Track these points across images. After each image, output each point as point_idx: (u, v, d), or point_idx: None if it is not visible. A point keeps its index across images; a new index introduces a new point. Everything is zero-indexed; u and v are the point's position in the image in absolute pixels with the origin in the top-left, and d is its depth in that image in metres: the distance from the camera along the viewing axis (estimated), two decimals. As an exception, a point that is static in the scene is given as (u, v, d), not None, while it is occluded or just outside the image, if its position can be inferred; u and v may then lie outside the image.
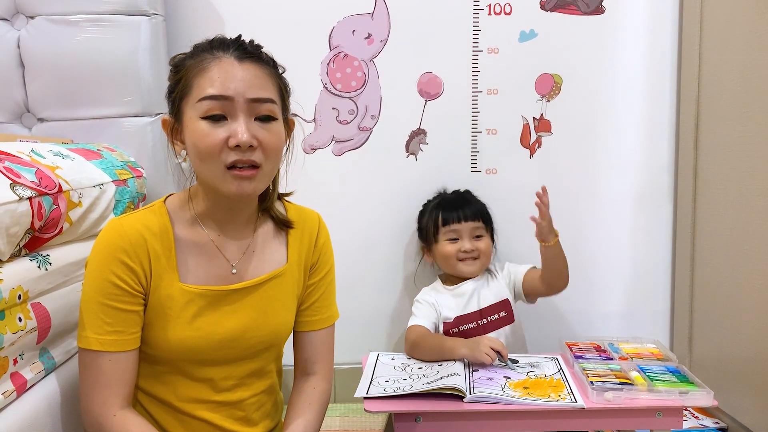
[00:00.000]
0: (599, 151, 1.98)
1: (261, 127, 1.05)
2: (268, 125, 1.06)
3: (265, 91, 1.05)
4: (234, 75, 1.03)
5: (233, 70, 1.03)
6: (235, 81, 1.03)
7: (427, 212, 1.83)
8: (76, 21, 1.65)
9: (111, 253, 1.05)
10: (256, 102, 1.04)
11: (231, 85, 1.02)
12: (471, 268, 1.73)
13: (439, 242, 1.76)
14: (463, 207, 1.76)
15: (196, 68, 1.05)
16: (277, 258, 1.18)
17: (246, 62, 1.05)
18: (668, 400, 1.32)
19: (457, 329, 1.68)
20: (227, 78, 1.02)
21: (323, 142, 1.94)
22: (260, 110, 1.05)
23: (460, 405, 1.30)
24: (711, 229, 1.83)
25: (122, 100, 1.69)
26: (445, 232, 1.75)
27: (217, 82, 1.02)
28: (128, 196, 1.48)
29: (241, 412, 1.17)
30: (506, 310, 1.71)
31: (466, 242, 1.72)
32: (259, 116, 1.05)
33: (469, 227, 1.73)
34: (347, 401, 1.95)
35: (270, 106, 1.06)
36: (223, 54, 1.05)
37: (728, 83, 1.73)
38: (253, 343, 1.14)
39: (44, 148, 1.29)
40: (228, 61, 1.04)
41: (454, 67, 1.92)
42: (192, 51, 1.09)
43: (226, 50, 1.05)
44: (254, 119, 1.04)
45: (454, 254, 1.73)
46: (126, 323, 1.06)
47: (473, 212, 1.75)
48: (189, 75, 1.05)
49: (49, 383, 1.12)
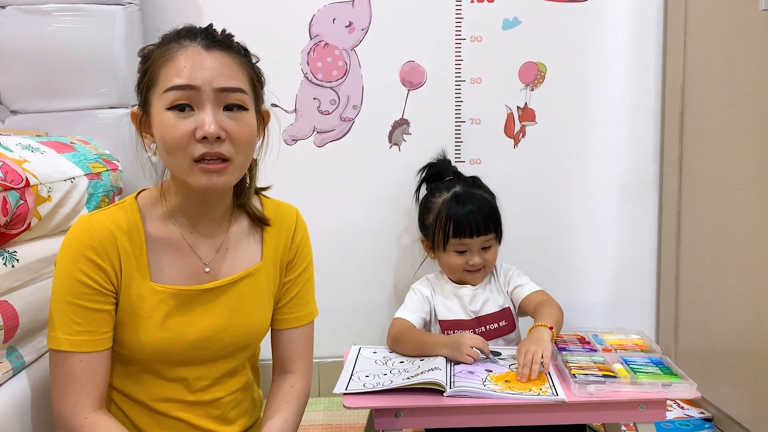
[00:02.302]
0: (584, 141, 1.96)
1: (230, 118, 1.01)
2: (237, 115, 1.02)
3: (233, 80, 1.01)
4: (201, 63, 0.99)
5: (200, 58, 1.00)
6: (202, 70, 0.99)
7: (435, 210, 1.67)
8: (48, 10, 1.62)
9: (79, 251, 1.02)
10: (224, 91, 1.00)
11: (197, 74, 0.98)
12: (476, 279, 1.67)
13: (446, 252, 1.67)
14: (477, 216, 1.62)
15: (162, 58, 1.01)
16: (252, 255, 1.15)
17: (214, 50, 1.01)
18: (651, 393, 1.30)
19: (453, 332, 1.62)
20: (194, 67, 0.99)
21: (304, 133, 1.91)
22: (228, 99, 1.01)
23: (441, 400, 1.28)
24: (696, 218, 1.82)
25: (97, 91, 1.66)
26: (455, 243, 1.64)
27: (183, 72, 0.98)
28: (102, 190, 1.44)
29: (217, 411, 1.14)
30: (507, 319, 1.67)
31: (475, 257, 1.63)
32: (227, 106, 1.01)
33: (480, 241, 1.63)
34: (331, 395, 1.93)
35: (239, 95, 1.02)
36: (191, 43, 1.01)
37: (713, 71, 1.72)
38: (228, 343, 1.12)
39: (12, 142, 1.26)
40: (195, 49, 1.00)
41: (437, 55, 1.90)
42: (160, 41, 1.05)
43: (194, 39, 1.01)
44: (223, 110, 1.01)
45: (461, 267, 1.65)
46: (97, 323, 1.03)
47: (486, 224, 1.63)
48: (155, 65, 1.02)
49: (18, 383, 1.09)
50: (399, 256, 1.97)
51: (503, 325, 1.66)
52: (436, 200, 1.69)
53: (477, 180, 1.76)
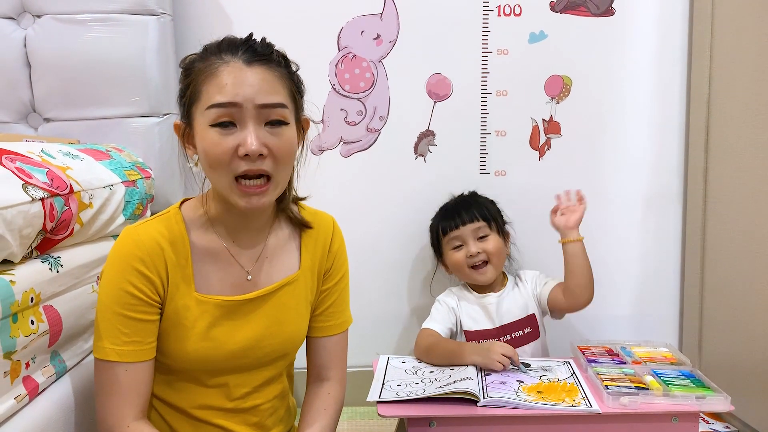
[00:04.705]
0: (608, 153, 1.97)
1: (271, 133, 1.01)
2: (278, 130, 1.02)
3: (275, 95, 1.02)
4: (243, 80, 0.99)
5: (242, 75, 1.00)
6: (244, 86, 0.99)
7: (433, 224, 1.79)
8: (83, 20, 1.64)
9: (128, 262, 1.03)
10: (266, 107, 1.01)
11: (239, 91, 0.99)
12: (484, 276, 1.68)
13: (446, 253, 1.73)
14: (460, 211, 1.70)
15: (204, 73, 1.02)
16: (290, 264, 1.16)
17: (255, 65, 1.01)
18: (685, 405, 1.30)
19: (478, 342, 1.63)
20: (235, 84, 0.99)
21: (331, 144, 1.93)
22: (270, 116, 1.01)
23: (475, 410, 1.28)
24: (721, 231, 1.82)
25: (129, 100, 1.67)
26: (448, 241, 1.71)
27: (225, 89, 0.99)
28: (137, 198, 1.46)
29: (255, 418, 1.15)
30: (531, 326, 1.67)
31: (471, 246, 1.67)
32: (269, 121, 1.02)
33: (469, 230, 1.68)
34: (355, 404, 1.92)
35: (281, 110, 1.02)
36: (232, 57, 1.01)
37: (739, 85, 1.72)
38: (268, 351, 1.13)
39: (54, 149, 1.27)
40: (236, 65, 1.01)
41: (464, 68, 1.91)
42: (201, 53, 1.06)
43: (235, 53, 1.02)
44: (265, 125, 1.01)
45: (463, 261, 1.68)
46: (143, 333, 1.04)
47: (471, 214, 1.69)
48: (198, 80, 1.02)
49: (61, 387, 1.10)
50: (422, 268, 1.97)
51: (528, 332, 1.67)
52: (433, 220, 1.81)
53: (473, 192, 1.83)
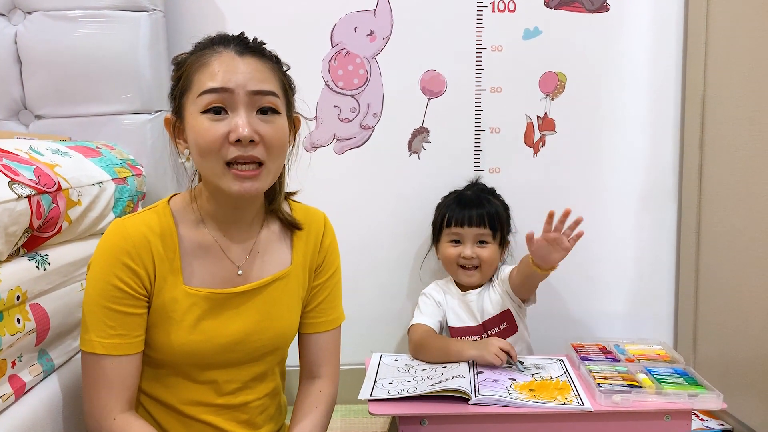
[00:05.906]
0: (603, 151, 1.96)
1: (263, 121, 1.02)
2: (270, 118, 1.03)
3: (266, 83, 1.03)
4: (235, 68, 1.00)
5: (234, 63, 1.01)
6: (236, 73, 1.00)
7: (441, 207, 1.78)
8: (74, 16, 1.63)
9: (114, 255, 1.03)
10: (258, 94, 1.01)
11: (231, 77, 1.00)
12: (470, 279, 1.68)
13: (441, 242, 1.74)
14: (471, 209, 1.68)
15: (196, 63, 1.03)
16: (282, 259, 1.16)
17: (247, 56, 1.03)
18: (677, 403, 1.30)
19: (460, 338, 1.64)
20: (227, 71, 1.00)
21: (325, 141, 1.92)
22: (262, 102, 1.02)
23: (466, 408, 1.28)
24: (716, 229, 1.81)
25: (121, 97, 1.66)
26: (448, 233, 1.71)
27: (217, 75, 1.00)
28: (128, 195, 1.45)
29: (245, 415, 1.15)
30: (507, 321, 1.67)
31: (468, 248, 1.67)
32: (261, 109, 1.02)
33: (472, 233, 1.67)
34: (348, 402, 1.92)
35: (272, 98, 1.03)
36: (224, 48, 1.03)
37: (734, 82, 1.72)
38: (258, 346, 1.12)
39: (43, 146, 1.27)
40: (229, 55, 1.02)
41: (458, 64, 1.90)
42: (193, 49, 1.07)
43: (227, 45, 1.03)
44: (256, 113, 1.02)
45: (454, 259, 1.68)
46: (130, 326, 1.04)
47: (480, 217, 1.67)
48: (190, 71, 1.03)
49: (49, 385, 1.09)
50: (417, 265, 1.96)
51: (504, 327, 1.68)
52: (445, 200, 1.79)
53: (493, 190, 1.80)
